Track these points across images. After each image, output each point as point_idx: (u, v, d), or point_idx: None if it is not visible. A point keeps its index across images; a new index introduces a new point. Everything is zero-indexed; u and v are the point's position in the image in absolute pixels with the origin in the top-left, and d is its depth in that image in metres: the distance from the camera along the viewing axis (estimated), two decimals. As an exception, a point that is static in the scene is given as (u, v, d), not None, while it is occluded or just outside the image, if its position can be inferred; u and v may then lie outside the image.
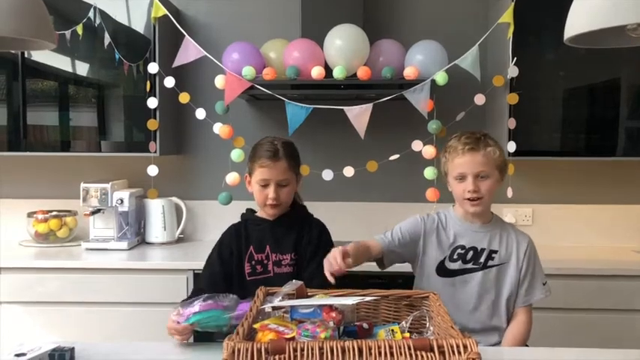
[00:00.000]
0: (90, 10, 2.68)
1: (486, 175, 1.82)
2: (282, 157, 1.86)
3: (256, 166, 1.88)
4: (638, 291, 2.51)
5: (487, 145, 1.83)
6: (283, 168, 1.86)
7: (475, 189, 1.81)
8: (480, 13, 2.97)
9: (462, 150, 1.83)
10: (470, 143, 1.82)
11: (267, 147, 1.88)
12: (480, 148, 1.82)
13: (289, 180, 1.89)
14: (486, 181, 1.82)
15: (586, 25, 1.19)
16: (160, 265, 2.62)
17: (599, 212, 3.05)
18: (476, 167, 1.81)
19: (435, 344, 1.13)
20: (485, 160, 1.82)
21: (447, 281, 1.87)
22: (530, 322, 1.89)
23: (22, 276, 2.56)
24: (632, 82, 2.72)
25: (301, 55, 2.59)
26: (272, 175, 1.85)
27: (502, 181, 1.88)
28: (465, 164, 1.83)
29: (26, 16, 1.32)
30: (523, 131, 2.64)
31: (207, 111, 2.69)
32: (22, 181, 3.11)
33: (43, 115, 2.84)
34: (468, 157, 1.82)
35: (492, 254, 1.87)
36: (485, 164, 1.82)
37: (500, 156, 1.84)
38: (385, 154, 2.68)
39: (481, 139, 1.84)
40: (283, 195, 1.88)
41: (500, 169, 1.86)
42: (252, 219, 1.97)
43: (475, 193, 1.82)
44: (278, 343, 1.14)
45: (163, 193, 2.93)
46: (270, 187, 1.86)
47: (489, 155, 1.82)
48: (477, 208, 1.84)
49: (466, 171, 1.82)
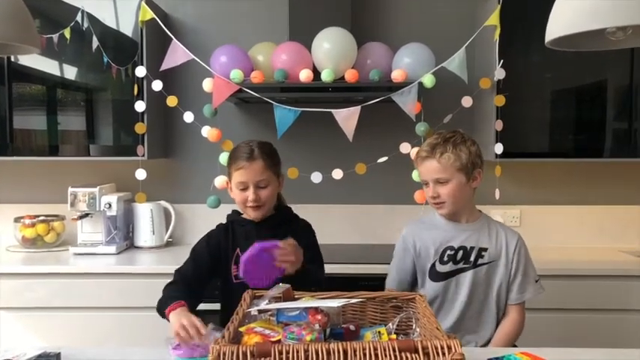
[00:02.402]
0: (78, 13, 2.67)
1: (445, 180, 1.85)
2: (257, 157, 1.83)
3: (233, 170, 1.87)
4: (626, 291, 2.53)
5: (443, 152, 1.84)
6: (260, 168, 1.83)
7: (433, 195, 1.88)
8: (466, 16, 2.99)
9: (421, 158, 1.90)
10: (426, 151, 1.88)
11: (242, 149, 1.87)
12: (435, 155, 1.85)
13: (268, 180, 1.85)
14: (446, 186, 1.85)
15: (566, 28, 1.21)
16: (148, 269, 2.61)
17: (586, 213, 3.07)
18: (431, 174, 1.87)
19: (420, 345, 1.13)
20: (440, 167, 1.85)
21: (440, 284, 1.89)
22: (522, 320, 1.91)
23: (9, 281, 2.54)
24: (618, 84, 2.74)
25: (289, 58, 2.59)
26: (249, 177, 1.83)
27: (476, 180, 1.89)
28: (423, 172, 1.91)
29: (10, 22, 1.31)
30: (510, 133, 2.66)
31: (195, 114, 2.68)
32: (9, 185, 3.09)
33: (30, 120, 2.83)
34: (425, 165, 1.88)
35: (482, 252, 1.89)
36: (440, 171, 1.85)
37: (457, 160, 1.84)
38: (374, 157, 2.68)
39: (439, 144, 1.86)
40: (263, 196, 1.84)
41: (466, 171, 1.85)
42: (238, 220, 1.95)
43: (435, 199, 1.88)
44: (263, 346, 1.14)
45: (152, 196, 2.92)
46: (250, 189, 1.83)
47: (444, 162, 1.84)
48: (441, 210, 1.91)
49: (425, 178, 1.90)
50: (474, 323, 1.90)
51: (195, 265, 1.88)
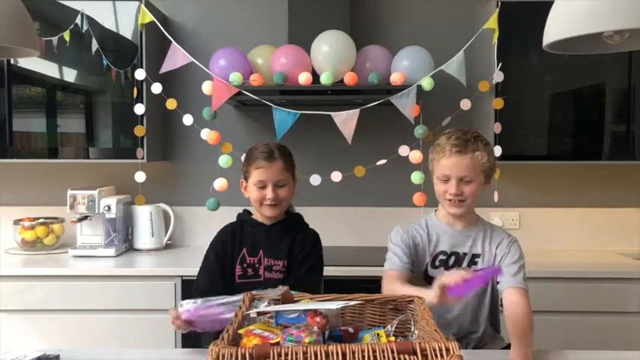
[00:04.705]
0: (77, 16, 2.68)
1: (470, 179, 1.76)
2: (278, 158, 1.88)
3: (252, 169, 1.89)
4: (624, 293, 2.53)
5: (476, 149, 1.75)
6: (280, 168, 1.88)
7: (457, 192, 1.76)
8: (465, 19, 3.00)
9: (450, 151, 1.75)
10: (458, 145, 1.75)
11: (262, 149, 1.90)
12: (468, 152, 1.75)
13: (286, 180, 1.90)
14: (470, 185, 1.76)
15: (564, 31, 1.21)
16: (148, 271, 2.62)
17: (585, 216, 3.07)
18: (460, 171, 1.75)
19: (419, 347, 1.13)
20: (471, 163, 1.75)
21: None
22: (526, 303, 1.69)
23: (8, 284, 2.54)
24: (616, 87, 2.75)
25: (288, 61, 2.60)
26: (269, 176, 1.86)
27: (488, 184, 1.82)
28: (450, 166, 1.76)
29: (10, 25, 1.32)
30: (509, 135, 2.67)
31: (194, 117, 2.69)
32: (8, 188, 3.09)
33: (29, 122, 2.83)
34: (454, 160, 1.75)
35: (475, 259, 1.82)
36: (470, 169, 1.75)
37: (489, 160, 1.77)
38: (372, 159, 2.69)
39: (470, 140, 1.77)
40: (282, 194, 1.88)
41: (487, 173, 1.79)
42: (248, 220, 1.97)
43: (457, 197, 1.77)
44: (262, 348, 1.15)
45: (151, 199, 2.93)
46: (268, 188, 1.87)
47: (476, 159, 1.75)
48: (457, 209, 1.79)
49: (450, 173, 1.76)
50: (469, 325, 1.86)
51: (209, 275, 1.92)
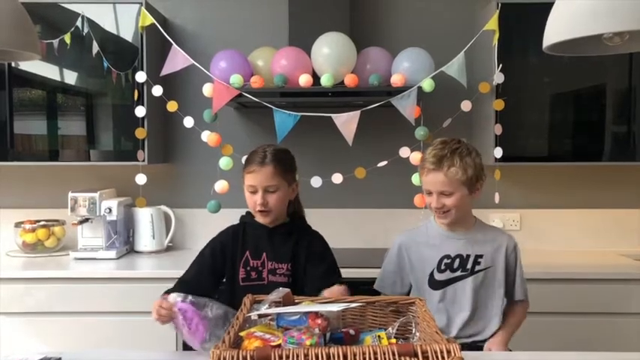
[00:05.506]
0: (78, 18, 2.68)
1: (450, 192, 1.85)
2: (268, 163, 1.85)
3: (245, 172, 1.89)
4: (625, 294, 2.53)
5: (451, 165, 1.83)
6: (270, 173, 1.85)
7: (438, 206, 1.87)
8: (465, 21, 3.00)
9: (427, 168, 1.87)
10: (433, 162, 1.85)
11: (257, 153, 1.89)
12: (442, 168, 1.83)
13: (277, 186, 1.86)
14: (451, 198, 1.85)
15: (564, 33, 1.21)
16: (149, 273, 2.61)
17: (586, 217, 3.07)
18: (437, 187, 1.86)
19: (419, 349, 1.13)
20: (446, 180, 1.84)
21: (440, 292, 1.91)
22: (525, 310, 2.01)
23: (9, 286, 2.54)
24: (617, 87, 2.75)
25: (289, 63, 2.60)
26: (258, 181, 1.85)
27: (477, 191, 1.90)
28: (428, 182, 1.88)
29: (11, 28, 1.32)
30: (510, 137, 2.67)
31: (195, 119, 2.68)
32: (9, 190, 3.09)
33: (30, 125, 2.83)
34: (431, 176, 1.86)
35: (478, 259, 1.91)
36: (446, 184, 1.84)
37: (465, 173, 1.83)
38: (373, 161, 2.68)
39: (446, 156, 1.84)
40: (272, 201, 1.85)
41: (469, 184, 1.86)
42: (251, 223, 1.95)
43: (440, 209, 1.88)
44: (263, 350, 1.15)
45: (152, 201, 2.93)
46: (258, 193, 1.85)
47: (451, 175, 1.83)
48: (443, 219, 1.91)
49: (430, 188, 1.88)
50: (480, 325, 1.92)
51: (197, 268, 1.92)
